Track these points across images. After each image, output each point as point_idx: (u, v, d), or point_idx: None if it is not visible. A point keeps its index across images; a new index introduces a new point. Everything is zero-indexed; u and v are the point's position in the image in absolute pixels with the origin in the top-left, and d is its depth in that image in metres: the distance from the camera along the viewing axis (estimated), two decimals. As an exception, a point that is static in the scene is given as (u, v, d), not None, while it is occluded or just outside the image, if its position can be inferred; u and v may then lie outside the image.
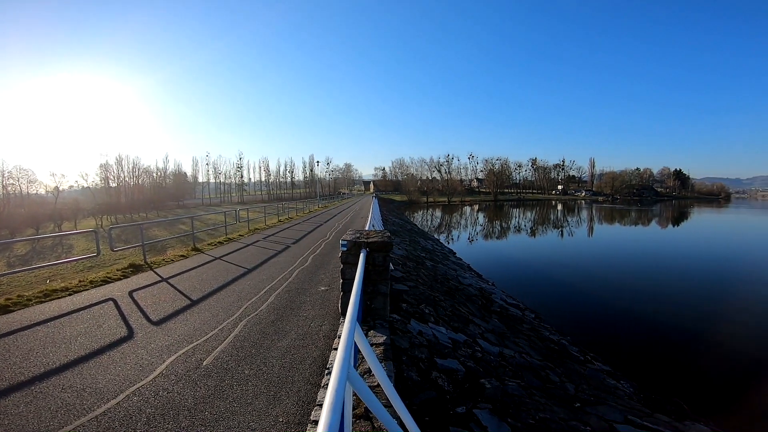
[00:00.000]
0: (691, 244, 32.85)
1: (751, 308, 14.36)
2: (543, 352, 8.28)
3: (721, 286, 17.87)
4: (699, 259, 25.41)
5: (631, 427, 4.93)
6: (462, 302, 10.29)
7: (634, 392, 7.54)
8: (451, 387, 4.26)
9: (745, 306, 14.65)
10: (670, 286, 17.79)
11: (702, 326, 12.47)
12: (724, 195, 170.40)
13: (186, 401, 3.75)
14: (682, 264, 23.64)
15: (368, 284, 5.41)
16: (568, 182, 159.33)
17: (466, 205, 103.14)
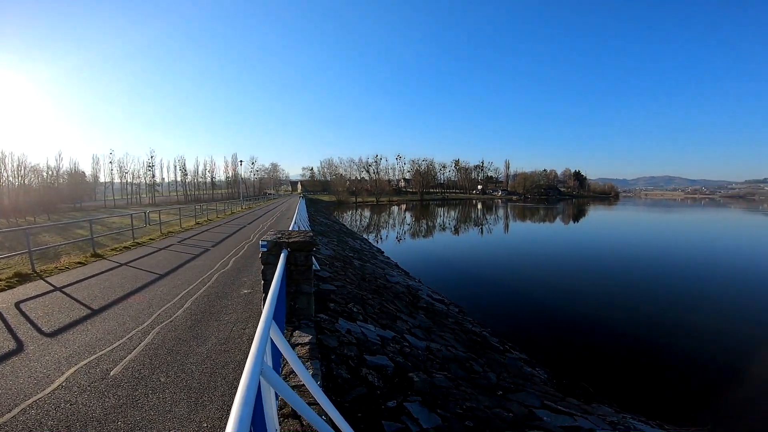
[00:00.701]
0: (592, 239, 37.08)
1: (647, 295, 16.51)
2: (467, 344, 8.79)
3: (620, 278, 20.31)
4: (600, 252, 28.74)
5: (547, 411, 5.37)
6: (390, 300, 10.57)
7: (548, 378, 8.21)
8: (381, 382, 4.36)
9: (641, 294, 16.82)
10: (576, 278, 19.83)
11: (603, 314, 13.94)
12: (614, 194, 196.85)
13: (93, 412, 3.48)
14: (585, 257, 26.53)
15: (291, 284, 5.38)
16: (487, 182, 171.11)
17: (394, 204, 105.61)
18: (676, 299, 15.79)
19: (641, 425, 6.10)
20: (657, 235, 40.82)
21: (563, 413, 5.50)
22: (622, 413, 6.72)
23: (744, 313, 13.99)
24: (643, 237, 38.66)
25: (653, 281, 18.97)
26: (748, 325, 12.61)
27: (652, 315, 13.68)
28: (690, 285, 18.33)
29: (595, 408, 6.57)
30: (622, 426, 5.76)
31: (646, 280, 19.30)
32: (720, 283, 18.61)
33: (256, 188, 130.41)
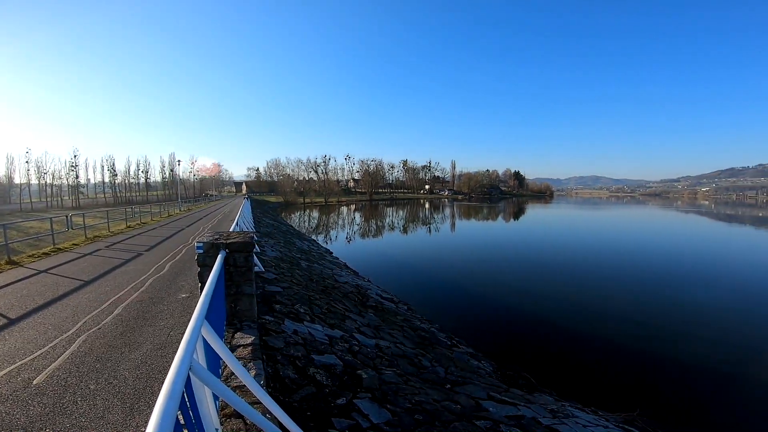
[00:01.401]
0: (531, 235, 39.40)
1: (582, 288, 17.75)
2: (415, 340, 8.97)
3: (556, 272, 21.65)
4: (538, 248, 30.51)
5: (493, 402, 5.62)
6: (338, 299, 10.59)
7: (494, 370, 8.56)
8: (330, 381, 4.36)
9: (577, 287, 18.03)
10: (517, 274, 20.93)
11: (543, 307, 14.79)
12: (549, 193, 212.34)
13: (17, 420, 3.30)
14: (524, 253, 28.02)
15: (231, 286, 5.30)
16: (434, 182, 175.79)
17: (343, 205, 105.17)
18: (608, 292, 17.18)
19: (578, 412, 6.56)
20: (588, 230, 44.22)
21: (508, 403, 5.80)
22: (561, 401, 7.17)
23: (667, 300, 15.57)
24: (575, 233, 41.70)
25: (586, 275, 20.50)
26: (674, 312, 14.05)
27: (586, 307, 14.73)
28: (619, 277, 20.06)
29: (537, 397, 6.95)
30: (561, 413, 6.16)
31: (580, 274, 20.81)
32: (647, 274, 20.53)
33: (196, 189, 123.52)
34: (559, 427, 5.41)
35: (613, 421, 6.63)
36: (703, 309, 14.45)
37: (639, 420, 6.84)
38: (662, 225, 52.56)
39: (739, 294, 16.59)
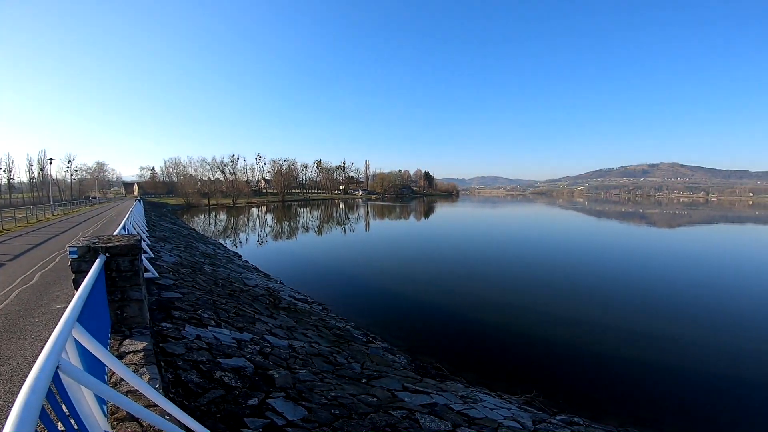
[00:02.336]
0: (440, 232, 41.58)
1: (485, 279, 19.13)
2: (331, 339, 8.93)
3: (462, 265, 23.08)
4: (446, 243, 32.20)
5: (408, 393, 5.83)
6: (247, 303, 10.08)
7: (408, 363, 8.84)
8: (240, 383, 4.23)
9: (481, 278, 19.38)
10: (428, 269, 21.91)
11: (450, 299, 15.66)
12: (455, 192, 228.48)
13: None
14: (434, 249, 29.38)
15: (116, 292, 4.82)
16: (348, 182, 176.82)
17: (253, 206, 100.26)
18: (508, 283, 18.76)
19: (485, 396, 7.03)
20: (489, 225, 48.44)
21: (422, 393, 6.05)
22: (470, 388, 7.60)
23: (560, 288, 17.50)
24: (479, 228, 45.34)
25: (489, 268, 22.23)
26: (563, 298, 15.83)
27: (488, 298, 15.91)
28: (517, 268, 22.08)
29: (449, 385, 7.32)
30: (471, 399, 6.56)
31: (483, 267, 22.49)
32: (540, 264, 22.88)
33: (74, 191, 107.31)
34: (469, 411, 5.78)
35: (516, 402, 7.27)
36: (587, 292, 16.61)
37: (536, 400, 7.59)
38: (549, 220, 59.50)
39: (614, 275, 19.44)
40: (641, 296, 16.15)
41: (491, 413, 6.04)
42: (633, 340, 11.37)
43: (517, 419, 6.00)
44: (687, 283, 18.68)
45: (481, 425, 5.25)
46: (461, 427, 4.96)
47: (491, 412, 6.09)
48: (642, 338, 11.46)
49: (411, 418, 4.83)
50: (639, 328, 12.25)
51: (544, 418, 6.42)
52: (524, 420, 6.03)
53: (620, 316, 13.50)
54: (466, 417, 5.53)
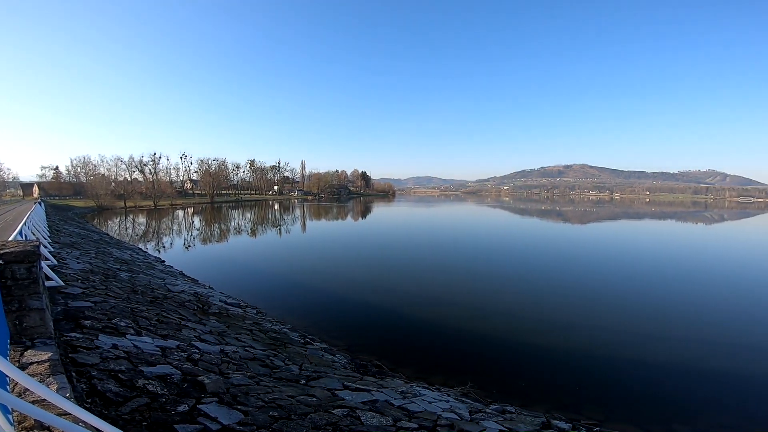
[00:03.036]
0: (374, 231, 41.85)
1: (420, 278, 19.56)
2: (267, 342, 8.63)
3: (398, 264, 23.39)
4: (384, 242, 32.52)
5: (348, 391, 5.83)
6: (172, 309, 9.40)
7: (348, 362, 8.82)
8: (167, 390, 4.01)
9: (415, 277, 19.82)
10: (365, 269, 21.95)
11: (389, 297, 15.83)
12: (392, 192, 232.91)
13: None
14: (373, 248, 29.50)
15: (12, 302, 4.36)
16: (284, 183, 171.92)
17: (178, 208, 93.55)
18: (442, 278, 19.42)
19: (424, 390, 7.21)
20: (422, 224, 50.04)
21: (362, 390, 6.08)
22: (410, 383, 7.79)
23: (486, 282, 18.40)
24: (413, 227, 46.64)
25: (422, 266, 22.85)
26: (494, 293, 16.65)
27: (424, 295, 16.39)
28: (449, 264, 22.88)
29: (389, 382, 7.43)
30: (410, 393, 6.72)
31: (417, 264, 23.10)
32: (469, 259, 23.86)
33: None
34: (409, 406, 5.90)
35: (453, 395, 7.55)
36: (515, 286, 17.67)
37: (472, 391, 7.93)
38: (478, 218, 62.91)
39: (535, 268, 20.84)
40: (562, 287, 17.54)
41: (430, 406, 6.21)
42: (555, 330, 12.28)
43: (455, 411, 6.23)
44: (602, 272, 20.63)
45: (421, 418, 5.39)
46: (402, 422, 5.05)
47: (430, 405, 6.27)
48: (563, 328, 12.42)
49: (352, 415, 4.84)
50: (561, 319, 13.28)
51: (480, 408, 6.73)
52: (461, 411, 6.28)
53: (544, 308, 14.55)
54: (407, 411, 5.65)
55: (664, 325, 12.77)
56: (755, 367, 9.58)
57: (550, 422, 6.02)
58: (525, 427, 5.76)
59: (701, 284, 18.75)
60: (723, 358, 10.16)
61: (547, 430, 5.73)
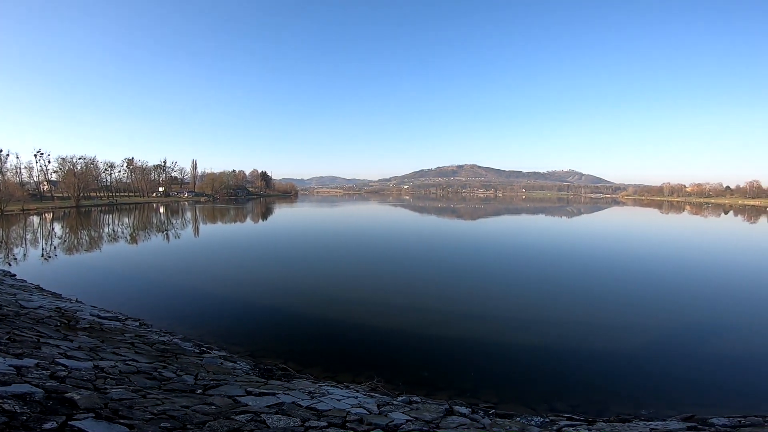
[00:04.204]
0: (276, 232, 40.06)
1: (324, 276, 19.23)
2: (154, 354, 7.87)
3: (304, 262, 22.74)
4: (283, 243, 31.39)
5: (252, 396, 5.61)
6: (28, 327, 8.02)
7: (251, 368, 8.44)
8: (28, 408, 3.46)
9: (319, 275, 19.42)
10: (266, 269, 21.14)
11: (289, 298, 15.39)
12: (294, 192, 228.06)
13: None
14: (269, 249, 28.41)
15: None
16: (171, 183, 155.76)
17: (32, 214, 78.75)
18: (344, 275, 19.51)
19: (333, 389, 7.17)
20: (324, 222, 50.33)
21: (267, 395, 5.88)
22: (318, 383, 7.72)
23: (386, 277, 18.78)
24: (314, 225, 46.56)
25: (328, 263, 22.74)
26: (394, 287, 17.05)
27: (329, 292, 16.32)
28: (352, 260, 23.08)
29: (296, 384, 7.27)
30: (319, 393, 6.65)
31: (322, 262, 22.97)
32: (376, 257, 24.10)
33: None
34: (317, 405, 5.85)
35: (362, 391, 7.62)
36: (414, 278, 18.40)
37: (380, 386, 8.11)
38: (380, 216, 65.01)
39: (434, 261, 21.91)
40: (459, 279, 18.87)
41: (339, 404, 6.23)
42: (454, 321, 13.07)
43: (364, 405, 6.35)
44: (494, 262, 22.39)
45: (330, 416, 5.40)
46: (311, 421, 5.01)
47: (339, 403, 6.28)
48: (461, 319, 13.27)
49: (257, 420, 4.67)
50: (457, 310, 14.21)
51: (388, 401, 6.91)
52: (370, 405, 6.43)
53: (443, 300, 15.48)
54: (315, 411, 5.61)
55: (545, 309, 14.37)
56: (618, 345, 11.13)
57: (453, 408, 6.47)
58: (430, 415, 6.11)
59: (575, 271, 21.53)
60: (597, 338, 11.63)
61: (450, 415, 6.14)
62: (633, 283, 18.63)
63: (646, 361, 9.88)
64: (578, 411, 7.22)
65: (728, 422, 5.74)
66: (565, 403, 7.70)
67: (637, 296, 16.10)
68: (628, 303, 15.18)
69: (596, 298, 16.02)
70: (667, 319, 13.24)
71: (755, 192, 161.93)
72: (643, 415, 6.99)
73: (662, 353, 10.44)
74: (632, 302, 15.25)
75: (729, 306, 14.81)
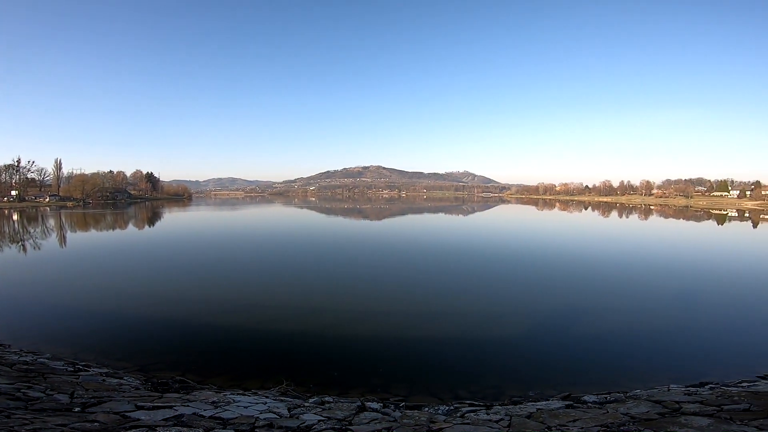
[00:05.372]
0: (174, 237, 36.81)
1: (224, 281, 18.18)
2: (15, 375, 6.84)
3: (198, 267, 21.16)
4: (177, 249, 29.14)
5: (144, 411, 5.22)
6: None
7: (142, 384, 7.75)
8: None
9: (217, 279, 18.31)
10: (158, 277, 19.35)
11: (186, 306, 14.34)
12: (187, 195, 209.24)
13: None
14: (160, 257, 26.20)
15: None
16: (27, 186, 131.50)
17: None
18: (243, 280, 18.77)
19: (239, 397, 6.94)
20: (218, 225, 47.37)
21: (162, 408, 5.52)
22: (223, 392, 7.35)
23: (286, 279, 18.30)
24: (207, 229, 44.05)
25: (225, 268, 21.63)
26: (294, 288, 16.69)
27: (227, 297, 15.61)
28: (252, 263, 22.08)
29: (197, 395, 6.89)
30: (223, 402, 6.39)
31: (218, 267, 21.74)
32: (274, 260, 23.28)
33: None
34: (222, 414, 5.62)
35: (272, 396, 7.45)
36: (315, 279, 18.31)
37: (290, 390, 7.95)
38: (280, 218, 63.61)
39: (340, 263, 21.84)
40: (365, 277, 19.37)
41: (246, 411, 6.04)
42: (360, 319, 13.28)
43: (274, 410, 6.22)
44: (396, 261, 22.76)
45: (237, 424, 5.22)
46: (216, 430, 4.82)
47: (246, 410, 6.08)
48: (366, 317, 13.54)
49: None
50: (365, 307, 14.55)
51: (299, 403, 6.84)
52: (280, 409, 6.32)
53: (349, 298, 15.78)
54: (220, 420, 5.38)
55: (444, 303, 15.31)
56: (508, 334, 12.15)
57: (365, 405, 6.66)
58: (342, 413, 6.21)
59: (471, 265, 23.10)
60: (491, 329, 12.57)
61: (363, 411, 6.32)
62: (519, 275, 20.84)
63: (532, 348, 11.00)
64: (478, 397, 7.83)
65: (597, 399, 6.76)
66: (466, 391, 8.31)
67: (521, 288, 17.96)
68: (512, 295, 16.85)
69: (489, 291, 17.55)
70: (548, 307, 14.85)
71: (607, 191, 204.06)
72: (531, 396, 7.84)
73: (544, 340, 11.68)
74: (516, 294, 16.97)
75: (595, 293, 17.20)
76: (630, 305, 15.28)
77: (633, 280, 20.03)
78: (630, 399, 6.56)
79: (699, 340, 11.80)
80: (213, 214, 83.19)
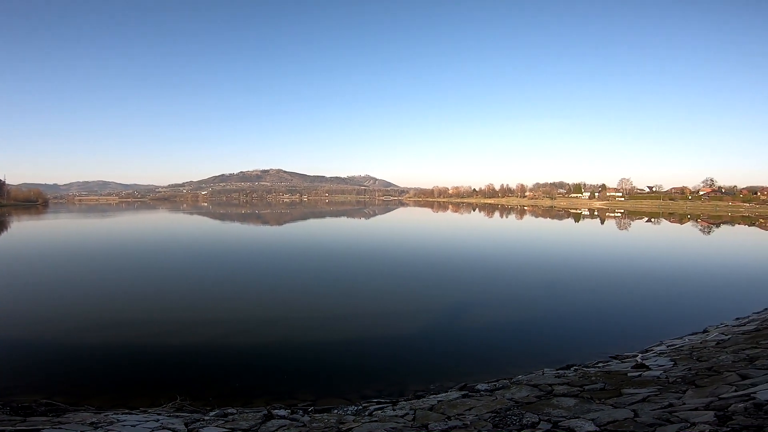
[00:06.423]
0: None
1: (104, 294, 16.55)
2: None
3: (69, 282, 19.14)
4: (39, 263, 26.38)
5: None
6: None
7: None
8: None
9: (97, 292, 16.68)
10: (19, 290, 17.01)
11: (55, 323, 12.88)
12: (42, 201, 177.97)
13: None
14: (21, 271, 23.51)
15: None
16: None
17: None
18: (126, 292, 17.26)
19: (124, 416, 6.44)
20: (99, 235, 42.73)
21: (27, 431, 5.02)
22: (103, 412, 6.75)
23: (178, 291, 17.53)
24: (89, 238, 39.34)
25: (103, 280, 19.59)
26: (186, 301, 15.99)
27: (110, 312, 14.20)
28: (135, 274, 20.64)
29: (70, 417, 6.25)
30: (105, 422, 5.91)
31: (96, 280, 19.71)
32: (161, 271, 22.22)
33: None
34: None
35: (165, 413, 6.93)
36: (205, 288, 17.70)
37: (186, 405, 7.47)
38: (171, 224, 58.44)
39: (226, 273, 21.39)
40: (263, 283, 19.04)
41: (135, 429, 5.64)
42: (262, 325, 13.07)
43: (168, 427, 5.84)
44: (294, 264, 22.77)
45: None
46: None
47: (134, 429, 5.68)
48: (269, 322, 13.31)
49: None
50: (264, 314, 14.21)
51: (198, 417, 6.48)
52: (176, 425, 5.94)
53: (246, 305, 15.37)
54: None
55: (343, 304, 15.52)
56: (406, 331, 12.71)
57: (271, 412, 6.54)
58: (247, 423, 6.03)
59: (364, 267, 23.83)
60: (390, 326, 13.01)
61: (270, 420, 6.21)
62: (414, 274, 22.19)
63: (430, 343, 11.68)
64: (384, 394, 8.13)
65: (488, 387, 7.45)
66: (373, 390, 8.57)
67: (415, 286, 19.09)
68: (407, 293, 17.77)
69: (386, 291, 18.24)
70: (442, 304, 15.91)
71: (490, 193, 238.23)
72: (432, 389, 8.44)
73: (441, 334, 12.49)
74: (411, 292, 17.90)
75: (482, 289, 18.79)
76: (510, 298, 17.16)
77: (510, 275, 22.74)
78: (514, 385, 7.35)
79: (565, 325, 13.59)
80: (76, 222, 73.51)
